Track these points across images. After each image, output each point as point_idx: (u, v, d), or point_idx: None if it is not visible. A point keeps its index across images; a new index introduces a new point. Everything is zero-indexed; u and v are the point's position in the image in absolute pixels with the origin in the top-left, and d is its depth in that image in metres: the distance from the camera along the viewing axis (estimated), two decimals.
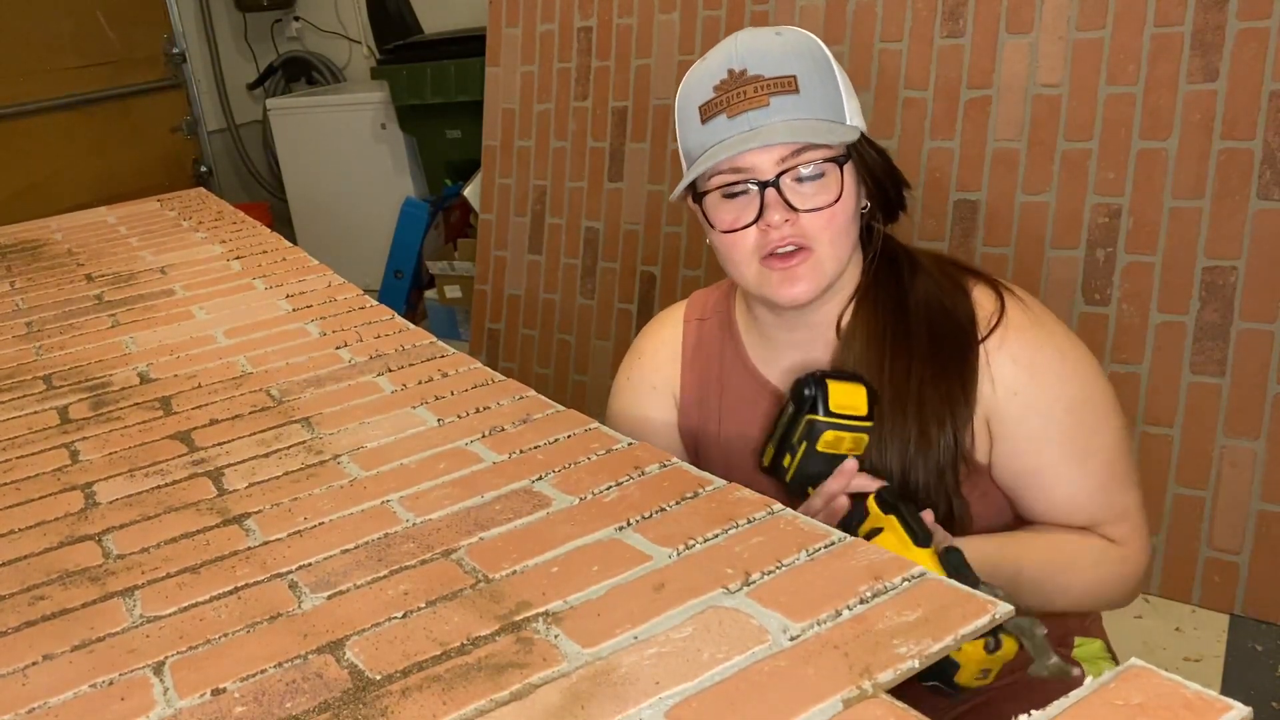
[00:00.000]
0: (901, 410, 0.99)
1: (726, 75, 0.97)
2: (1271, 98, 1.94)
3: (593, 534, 0.80)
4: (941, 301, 1.02)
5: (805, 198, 0.97)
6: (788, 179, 0.96)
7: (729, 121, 0.96)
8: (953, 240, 2.32)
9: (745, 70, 0.96)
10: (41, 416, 1.19)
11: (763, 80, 0.95)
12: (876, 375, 1.01)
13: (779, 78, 0.95)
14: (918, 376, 0.99)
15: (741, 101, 0.95)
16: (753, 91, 0.95)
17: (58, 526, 0.92)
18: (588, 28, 2.98)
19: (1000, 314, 1.01)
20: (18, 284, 1.77)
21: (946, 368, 0.99)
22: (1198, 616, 2.00)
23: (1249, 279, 1.97)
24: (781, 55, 0.96)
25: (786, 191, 0.96)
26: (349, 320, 1.37)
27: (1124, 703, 0.53)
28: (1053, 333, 1.02)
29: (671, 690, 0.61)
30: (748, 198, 0.98)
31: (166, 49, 4.58)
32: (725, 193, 0.99)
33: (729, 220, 0.99)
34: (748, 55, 0.97)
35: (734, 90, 0.96)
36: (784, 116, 0.95)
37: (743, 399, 1.11)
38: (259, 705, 0.65)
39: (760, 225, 0.97)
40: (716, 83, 0.97)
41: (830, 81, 0.98)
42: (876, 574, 0.70)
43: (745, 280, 1.02)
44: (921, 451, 0.99)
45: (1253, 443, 1.98)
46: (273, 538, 0.86)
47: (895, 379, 1.00)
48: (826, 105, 0.97)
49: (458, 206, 3.92)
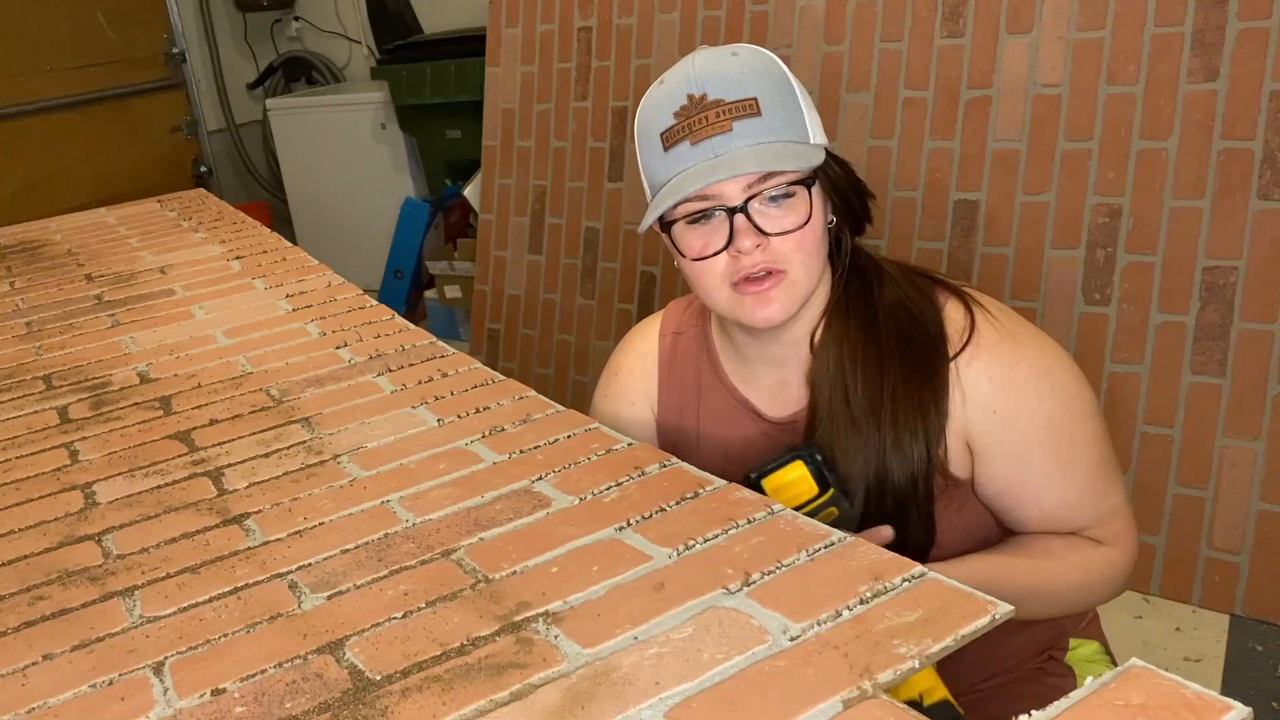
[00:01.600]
0: (875, 419, 0.99)
1: (686, 100, 0.95)
2: (1271, 97, 1.94)
3: (593, 534, 0.80)
4: (910, 312, 1.01)
5: (774, 220, 0.95)
6: (756, 203, 0.95)
7: (692, 149, 0.94)
8: (953, 240, 2.32)
9: (705, 95, 0.94)
10: (41, 416, 1.19)
11: (724, 104, 0.93)
12: (850, 386, 1.00)
13: (740, 101, 0.93)
14: (890, 385, 0.99)
15: (704, 127, 0.93)
16: (715, 117, 0.93)
17: (57, 526, 0.92)
18: (588, 28, 2.98)
19: (970, 330, 0.99)
20: (18, 284, 1.76)
21: (917, 377, 0.99)
22: (1198, 617, 2.00)
23: (1249, 279, 1.97)
24: (740, 77, 0.94)
25: (755, 216, 0.95)
26: (349, 320, 1.37)
27: (1124, 703, 0.53)
28: (1025, 346, 1.01)
29: (671, 690, 0.61)
30: (715, 223, 0.96)
31: (166, 49, 4.58)
32: (692, 220, 0.97)
33: (698, 248, 0.97)
34: (706, 79, 0.95)
35: (696, 116, 0.94)
36: (748, 141, 0.93)
37: (720, 416, 1.11)
38: (259, 705, 0.65)
39: (730, 251, 0.96)
40: (676, 109, 0.95)
41: (791, 101, 0.96)
42: (876, 574, 0.70)
43: (717, 306, 1.00)
44: (895, 458, 0.98)
45: (1253, 443, 1.98)
46: (273, 538, 0.86)
47: (868, 389, 1.00)
48: (789, 126, 0.95)
49: (458, 206, 3.92)
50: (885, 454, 0.99)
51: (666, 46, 2.81)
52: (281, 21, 4.81)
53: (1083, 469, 1.01)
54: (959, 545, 1.04)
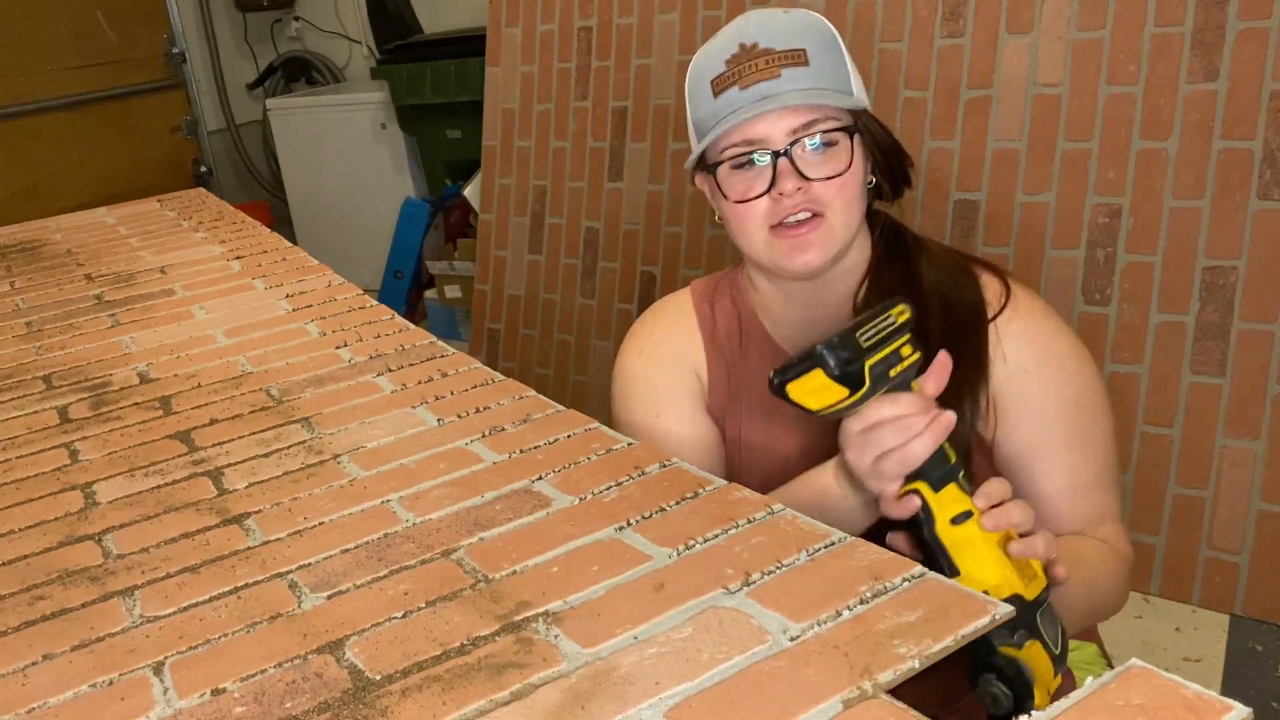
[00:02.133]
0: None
1: (738, 49, 0.99)
2: (1272, 97, 1.94)
3: (593, 534, 0.80)
4: (953, 278, 1.04)
5: (816, 166, 0.99)
6: (799, 149, 0.98)
7: (741, 93, 0.98)
8: (953, 240, 2.32)
9: (756, 44, 0.98)
10: (41, 416, 1.19)
11: (774, 53, 0.97)
12: None
13: (790, 50, 0.98)
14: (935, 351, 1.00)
15: (754, 73, 0.97)
16: (764, 64, 0.97)
17: (57, 526, 0.92)
18: (588, 28, 2.98)
19: (1007, 294, 1.03)
20: (18, 284, 1.76)
21: (962, 346, 1.00)
22: (1198, 617, 2.00)
23: (1249, 279, 1.97)
24: (791, 30, 0.99)
25: (798, 161, 0.98)
26: (349, 320, 1.37)
27: (1124, 703, 0.53)
28: (1061, 323, 1.06)
29: (671, 690, 0.61)
30: (759, 169, 1.00)
31: (166, 49, 4.58)
32: (736, 163, 1.00)
33: (741, 190, 1.01)
34: (758, 30, 0.99)
35: (746, 63, 0.98)
36: (795, 86, 0.97)
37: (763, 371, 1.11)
38: (259, 705, 0.65)
39: (772, 195, 0.99)
40: (728, 56, 0.99)
41: (838, 57, 1.01)
42: (876, 574, 0.70)
43: (755, 250, 1.03)
44: None
45: (1253, 443, 1.98)
46: (273, 537, 0.86)
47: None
48: (836, 78, 0.99)
49: (458, 206, 3.92)
50: None
51: (666, 46, 2.81)
52: (281, 21, 4.82)
53: (1095, 453, 1.03)
54: None
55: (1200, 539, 2.03)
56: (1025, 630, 0.79)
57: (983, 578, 0.80)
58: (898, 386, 0.85)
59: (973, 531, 0.82)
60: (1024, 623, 0.79)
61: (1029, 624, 0.79)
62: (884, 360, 0.83)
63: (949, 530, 0.82)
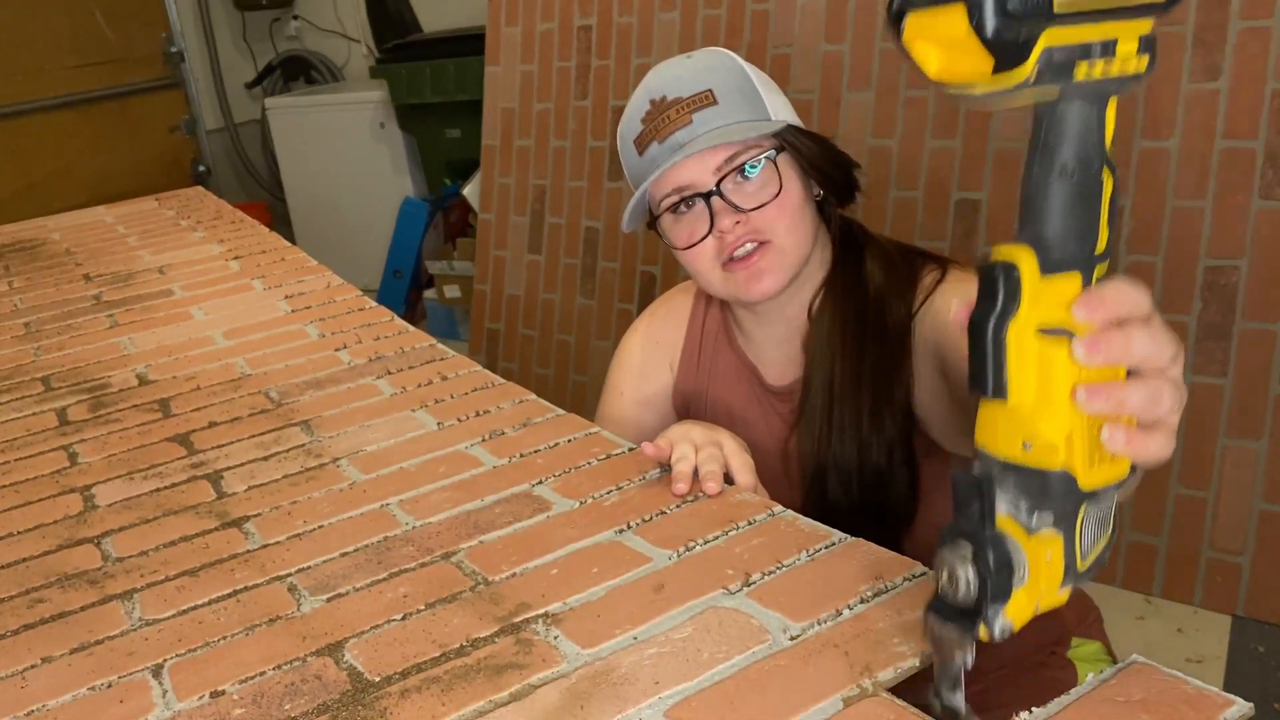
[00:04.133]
0: (855, 396, 1.02)
1: (649, 105, 1.02)
2: (1273, 97, 1.94)
3: (592, 536, 0.79)
4: (894, 283, 1.05)
5: (749, 196, 1.00)
6: (728, 184, 1.00)
7: (660, 146, 1.01)
8: (954, 240, 2.32)
9: (665, 97, 1.01)
10: (40, 418, 1.18)
11: (682, 100, 1.00)
12: (839, 360, 1.03)
13: (696, 95, 1.00)
14: (868, 362, 1.02)
15: (668, 125, 1.00)
16: (675, 114, 1.00)
17: (57, 529, 0.92)
18: (588, 27, 2.98)
19: (941, 276, 1.03)
20: (16, 284, 1.76)
21: (889, 348, 1.02)
22: (1199, 617, 1.99)
23: (1251, 279, 1.97)
24: (695, 75, 1.02)
25: (730, 195, 1.00)
26: (348, 322, 1.37)
27: (1125, 699, 0.53)
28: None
29: (671, 690, 0.61)
30: (696, 211, 1.02)
31: (165, 48, 4.57)
32: (675, 212, 1.03)
33: (685, 236, 1.03)
34: (664, 84, 1.02)
35: (659, 117, 1.01)
36: (708, 128, 0.99)
37: (728, 378, 1.15)
38: (258, 707, 0.65)
39: (715, 233, 1.01)
40: (643, 115, 1.03)
41: (746, 86, 1.02)
42: (876, 574, 0.70)
43: (714, 289, 1.05)
44: (873, 434, 1.02)
45: (1255, 443, 1.97)
46: (272, 541, 0.85)
47: (849, 366, 1.03)
48: (748, 108, 1.01)
49: (457, 206, 3.92)
50: (864, 429, 1.02)
51: (666, 46, 2.80)
52: (280, 20, 4.81)
53: None
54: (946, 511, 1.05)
55: (1202, 540, 2.03)
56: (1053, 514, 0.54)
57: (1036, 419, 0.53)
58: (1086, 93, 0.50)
59: (1060, 355, 0.52)
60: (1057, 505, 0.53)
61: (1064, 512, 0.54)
62: (1070, 50, 0.48)
63: (1028, 336, 0.52)
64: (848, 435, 1.03)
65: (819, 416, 1.04)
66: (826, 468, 1.04)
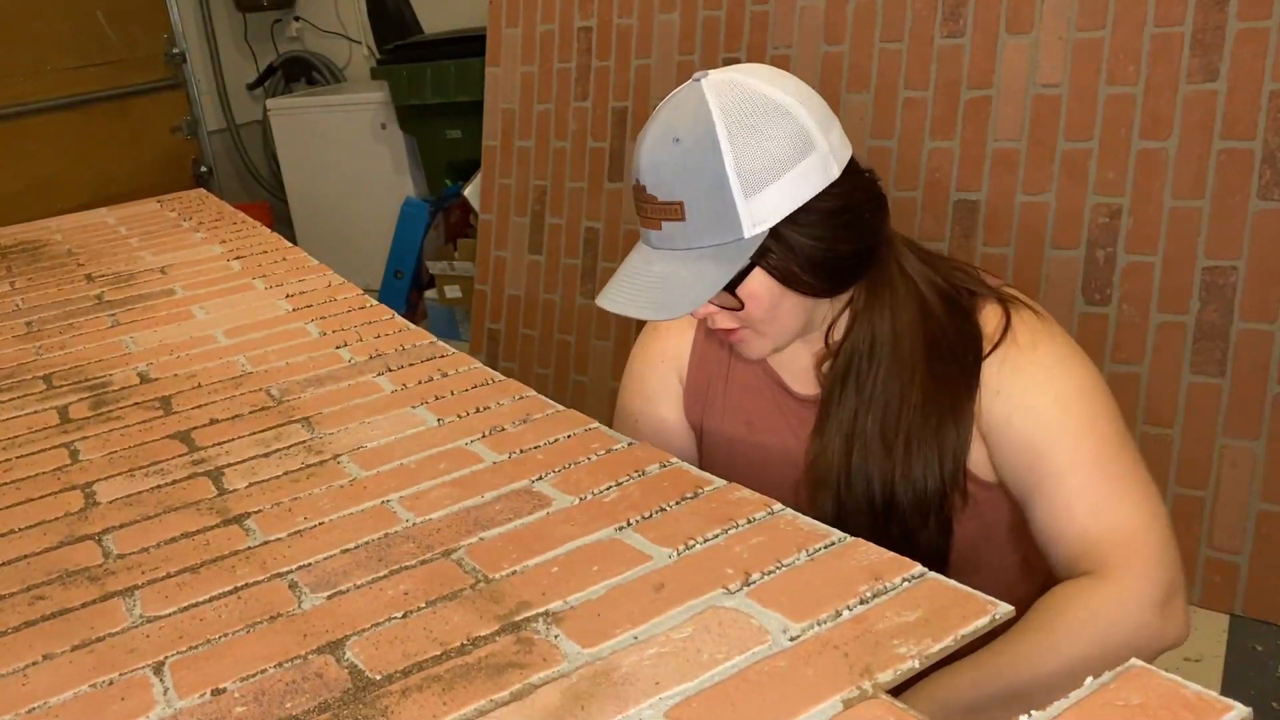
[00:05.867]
0: (886, 446, 0.99)
1: (635, 182, 0.99)
2: (1271, 97, 1.94)
3: (593, 534, 0.80)
4: (943, 334, 1.00)
5: (722, 318, 1.00)
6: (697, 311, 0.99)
7: (641, 222, 0.99)
8: (953, 240, 2.32)
9: (645, 186, 0.97)
10: (41, 416, 1.19)
11: (655, 204, 0.96)
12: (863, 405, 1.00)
13: (668, 203, 0.96)
14: (908, 415, 0.98)
15: (645, 215, 0.98)
16: (650, 210, 0.97)
17: (58, 526, 0.92)
18: (588, 28, 2.98)
19: (1005, 329, 0.99)
20: (18, 284, 1.76)
21: (939, 407, 0.98)
22: (1198, 617, 1.99)
23: (1249, 279, 1.97)
24: (672, 176, 0.94)
25: (701, 312, 0.99)
26: (349, 320, 1.37)
27: (1124, 703, 0.53)
28: (1053, 339, 1.00)
29: (671, 690, 0.61)
30: None
31: (166, 49, 4.58)
32: None
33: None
34: (647, 169, 0.97)
35: (642, 200, 0.98)
36: (670, 245, 0.96)
37: (747, 385, 1.12)
38: (259, 705, 0.65)
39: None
40: (634, 182, 0.99)
41: (721, 199, 0.93)
42: (876, 574, 0.70)
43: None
44: (904, 484, 0.98)
45: (1252, 443, 1.98)
46: (273, 537, 0.86)
47: (884, 413, 0.99)
48: (716, 227, 0.93)
49: (458, 206, 3.92)
50: (894, 479, 0.99)
51: (666, 46, 2.81)
52: (281, 21, 4.81)
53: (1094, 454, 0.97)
54: (976, 552, 1.03)
55: (1200, 539, 2.03)
56: None
57: None
58: None
59: None
60: None
61: None
62: None
63: None
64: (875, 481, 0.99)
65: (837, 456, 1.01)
66: (844, 506, 1.01)
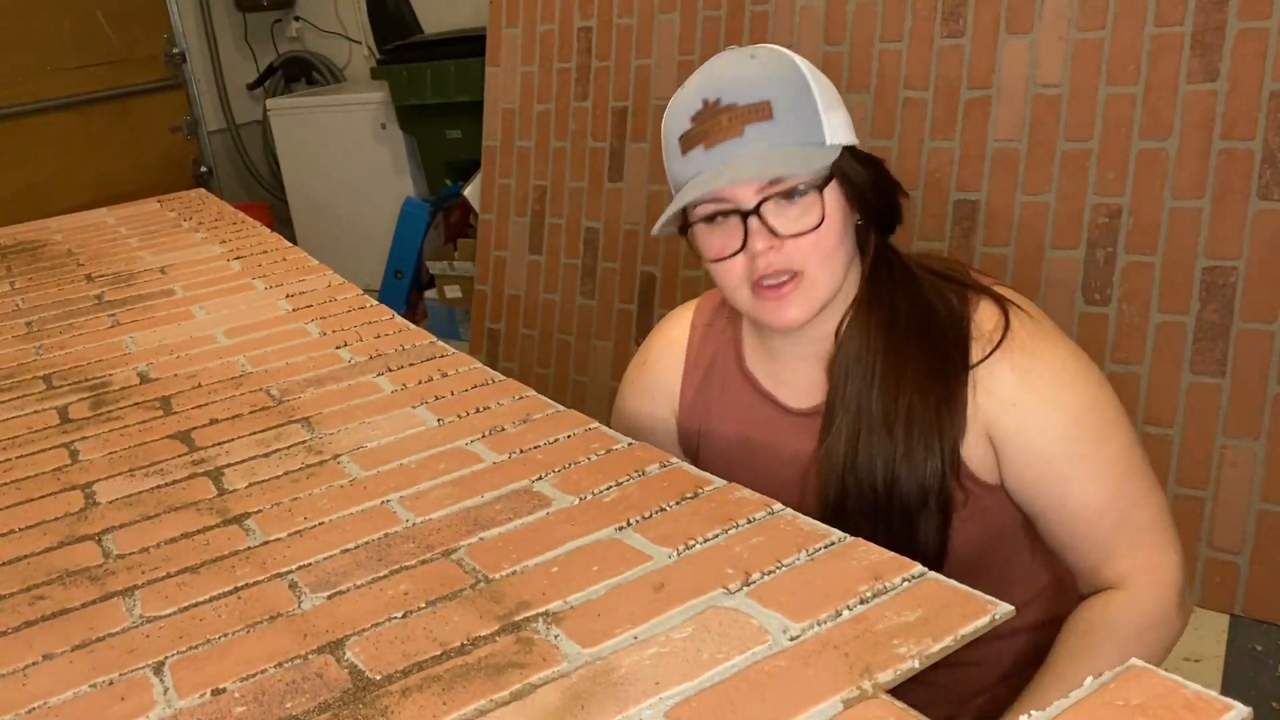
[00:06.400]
0: (888, 428, 0.99)
1: (702, 105, 0.95)
2: (1271, 98, 1.94)
3: (593, 534, 0.80)
4: (937, 318, 1.00)
5: (789, 222, 0.95)
6: (769, 206, 0.95)
7: (706, 153, 0.95)
8: (953, 240, 2.32)
9: (719, 100, 0.94)
10: (41, 416, 1.19)
11: (736, 109, 0.93)
12: (867, 388, 1.00)
13: (753, 105, 0.93)
14: (906, 397, 0.98)
15: (717, 131, 0.94)
16: (727, 121, 0.93)
17: (57, 526, 0.92)
18: (588, 28, 2.98)
19: (1005, 329, 0.99)
20: (18, 284, 1.76)
21: (936, 391, 0.98)
22: (1198, 617, 1.99)
23: (1249, 279, 1.97)
24: (755, 80, 0.94)
25: (769, 217, 0.95)
26: (349, 320, 1.37)
27: (1124, 703, 0.53)
28: (1057, 345, 1.00)
29: (671, 690, 0.61)
30: (731, 225, 0.97)
31: (166, 49, 4.58)
32: (709, 221, 0.98)
33: (716, 248, 0.98)
34: (721, 83, 0.95)
35: (710, 121, 0.94)
36: (758, 145, 0.93)
37: (740, 410, 1.11)
38: (259, 705, 0.65)
39: (746, 253, 0.96)
40: (693, 113, 0.96)
41: (807, 103, 0.95)
42: (876, 574, 0.70)
43: (740, 305, 1.01)
44: (904, 468, 0.98)
45: (1253, 443, 1.98)
46: (273, 537, 0.86)
47: (884, 395, 0.99)
48: (803, 128, 0.94)
49: (458, 206, 3.92)
50: (895, 463, 0.98)
51: (666, 46, 2.81)
52: (281, 21, 4.82)
53: (1108, 470, 0.98)
54: (979, 555, 1.03)
55: (1200, 539, 2.03)
56: None
57: None
58: None
59: None
60: None
61: None
62: None
63: None
64: (876, 466, 0.99)
65: (844, 444, 1.00)
66: (848, 497, 1.00)
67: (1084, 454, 0.98)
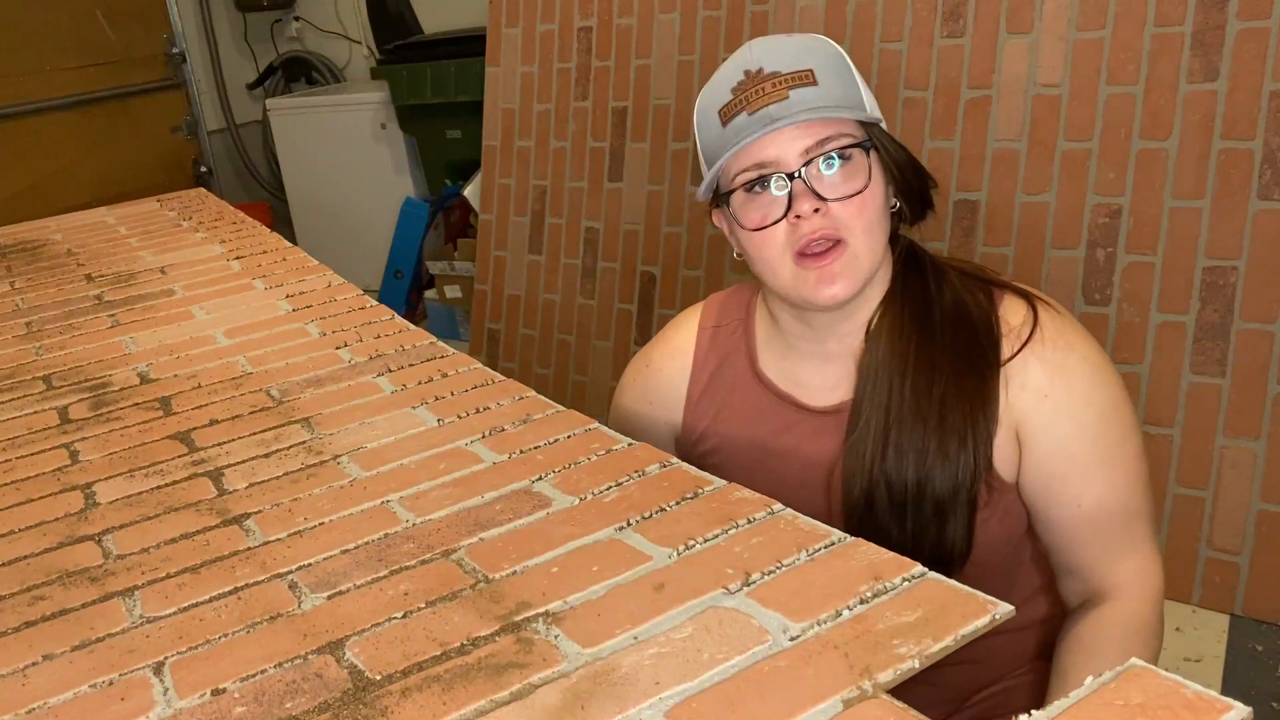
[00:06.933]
0: (922, 421, 0.98)
1: (744, 76, 0.96)
2: (1271, 98, 1.94)
3: (593, 534, 0.80)
4: (969, 313, 1.00)
5: (833, 185, 0.95)
6: (813, 169, 0.94)
7: (749, 119, 0.94)
8: (953, 240, 2.32)
9: (762, 69, 0.95)
10: (41, 416, 1.19)
11: (780, 76, 0.94)
12: (898, 382, 0.99)
13: (797, 72, 0.94)
14: (940, 389, 0.98)
15: (761, 98, 0.94)
16: (770, 87, 0.94)
17: (57, 527, 0.92)
18: (588, 28, 2.98)
19: (1034, 324, 0.99)
20: (18, 284, 1.76)
21: (970, 384, 0.97)
22: (1198, 617, 2.00)
23: (1249, 279, 1.97)
24: (797, 52, 0.96)
25: (813, 181, 0.94)
26: (349, 320, 1.37)
27: (1124, 703, 0.53)
28: (1085, 340, 1.02)
29: (671, 690, 0.61)
30: (773, 194, 0.96)
31: (166, 49, 4.58)
32: (751, 190, 0.97)
33: (757, 218, 0.97)
34: (763, 56, 0.96)
35: (753, 89, 0.95)
36: (804, 106, 0.93)
37: (755, 414, 1.10)
38: (259, 705, 0.65)
39: (790, 219, 0.95)
40: (734, 85, 0.96)
41: (847, 75, 0.97)
42: (876, 574, 0.70)
43: (780, 282, 0.98)
44: (938, 463, 0.97)
45: (1253, 443, 1.98)
46: (272, 538, 0.86)
47: (917, 388, 0.98)
48: (846, 95, 0.96)
49: (458, 206, 3.93)
50: (929, 456, 0.97)
51: (666, 46, 2.81)
52: (281, 21, 4.82)
53: (1124, 472, 0.99)
54: (998, 554, 1.03)
55: (1200, 539, 2.03)
56: None
57: None
58: None
59: None
60: None
61: None
62: None
63: None
64: (908, 461, 0.98)
65: (873, 438, 0.99)
66: (876, 493, 0.99)
67: (1106, 454, 0.99)
